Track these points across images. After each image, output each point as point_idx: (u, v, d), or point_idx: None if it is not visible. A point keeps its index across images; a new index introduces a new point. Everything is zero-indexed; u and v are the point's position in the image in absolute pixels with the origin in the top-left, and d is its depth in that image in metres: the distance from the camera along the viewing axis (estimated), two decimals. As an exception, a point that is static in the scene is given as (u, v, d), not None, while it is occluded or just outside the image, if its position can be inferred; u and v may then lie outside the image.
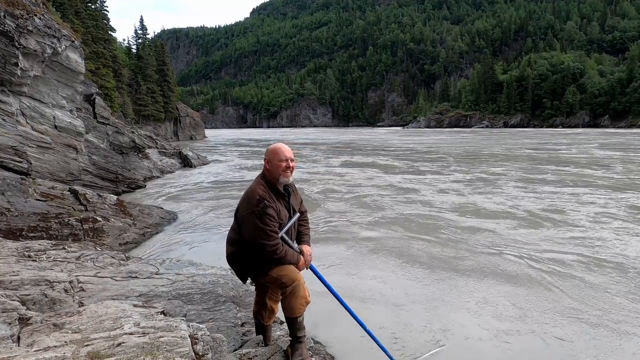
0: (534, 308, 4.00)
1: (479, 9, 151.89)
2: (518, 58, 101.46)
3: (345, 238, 6.62)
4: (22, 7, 8.54)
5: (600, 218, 7.47)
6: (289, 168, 2.28)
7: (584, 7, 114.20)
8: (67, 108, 10.56)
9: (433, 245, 6.09)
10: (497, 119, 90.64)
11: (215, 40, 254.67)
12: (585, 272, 4.87)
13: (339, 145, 36.14)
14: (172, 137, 51.20)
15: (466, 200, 9.50)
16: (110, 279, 3.95)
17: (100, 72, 31.23)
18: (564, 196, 9.78)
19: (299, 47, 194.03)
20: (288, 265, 2.27)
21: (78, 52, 10.59)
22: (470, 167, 16.70)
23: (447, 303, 4.16)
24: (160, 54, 54.78)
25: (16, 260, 4.16)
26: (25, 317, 2.26)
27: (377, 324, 3.62)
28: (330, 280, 2.50)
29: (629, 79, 74.57)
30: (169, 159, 18.88)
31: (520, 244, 6.01)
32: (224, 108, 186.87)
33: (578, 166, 16.20)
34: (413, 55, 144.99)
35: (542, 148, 26.84)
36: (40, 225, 6.08)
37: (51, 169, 9.63)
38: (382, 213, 8.36)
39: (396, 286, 4.62)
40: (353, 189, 11.65)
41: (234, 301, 3.71)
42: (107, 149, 13.93)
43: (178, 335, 1.98)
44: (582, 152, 22.85)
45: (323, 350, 3.11)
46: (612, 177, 12.82)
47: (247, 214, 2.19)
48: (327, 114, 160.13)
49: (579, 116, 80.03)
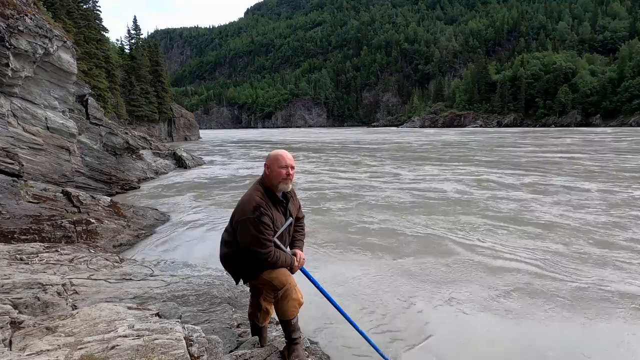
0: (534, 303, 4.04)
1: (472, 9, 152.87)
2: (511, 58, 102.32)
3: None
4: (13, 7, 8.44)
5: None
6: (290, 175, 2.27)
7: (576, 8, 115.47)
8: (60, 109, 10.46)
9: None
10: (491, 118, 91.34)
11: (210, 41, 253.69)
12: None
13: (381, 148, 30.30)
14: (167, 138, 50.89)
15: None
16: (104, 281, 3.92)
17: (92, 73, 30.94)
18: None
19: (293, 47, 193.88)
20: (279, 269, 2.28)
21: (70, 52, 10.49)
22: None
23: (437, 295, 4.19)
24: (153, 54, 54.44)
25: (8, 264, 4.11)
26: (18, 321, 2.23)
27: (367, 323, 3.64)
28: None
29: (619, 79, 75.61)
30: (163, 160, 18.76)
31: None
32: (218, 109, 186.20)
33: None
34: (407, 55, 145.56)
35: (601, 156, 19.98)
36: (32, 228, 6.00)
37: (43, 171, 9.53)
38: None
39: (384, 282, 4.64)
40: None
41: (230, 302, 3.70)
42: (101, 150, 13.81)
43: (173, 337, 1.97)
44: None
45: (319, 350, 3.11)
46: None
47: (242, 220, 2.19)
48: (322, 114, 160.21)
49: (571, 115, 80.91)
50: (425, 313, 3.93)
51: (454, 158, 20.76)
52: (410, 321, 3.78)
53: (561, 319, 3.76)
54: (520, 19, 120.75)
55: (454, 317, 3.85)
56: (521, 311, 3.93)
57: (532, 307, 4.00)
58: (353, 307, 3.98)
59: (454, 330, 3.61)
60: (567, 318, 3.78)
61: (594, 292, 4.29)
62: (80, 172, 11.10)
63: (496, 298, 4.24)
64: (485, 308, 4.02)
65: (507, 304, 4.09)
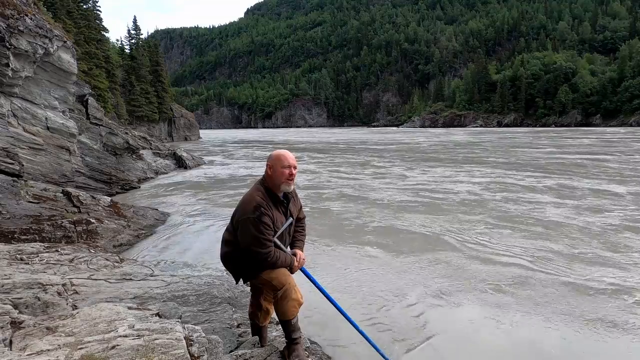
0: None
1: (472, 9, 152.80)
2: (511, 58, 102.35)
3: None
4: (13, 7, 8.44)
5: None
6: (292, 175, 2.27)
7: (576, 8, 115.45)
8: (60, 109, 10.46)
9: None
10: (491, 118, 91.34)
11: (210, 41, 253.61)
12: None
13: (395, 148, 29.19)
14: (167, 138, 50.89)
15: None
16: (105, 281, 3.92)
17: (93, 73, 30.95)
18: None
19: (293, 47, 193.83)
20: (279, 269, 2.28)
21: (70, 52, 10.49)
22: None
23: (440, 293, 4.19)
24: (153, 54, 54.44)
25: (8, 264, 4.11)
26: (18, 321, 2.23)
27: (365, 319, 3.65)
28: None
29: (619, 78, 75.62)
30: (163, 160, 18.76)
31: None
32: (218, 109, 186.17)
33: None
34: (407, 55, 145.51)
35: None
36: (32, 228, 6.01)
37: (43, 171, 9.53)
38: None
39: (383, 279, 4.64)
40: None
41: (230, 302, 3.69)
42: (101, 150, 13.81)
43: (173, 337, 1.97)
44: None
45: (319, 350, 3.11)
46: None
47: (243, 220, 2.19)
48: (322, 114, 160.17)
49: (571, 115, 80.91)
50: (426, 313, 3.93)
51: (467, 159, 19.75)
52: (411, 321, 3.78)
53: (563, 321, 3.74)
54: (521, 18, 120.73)
55: (454, 317, 3.85)
56: (522, 311, 3.93)
57: (534, 308, 3.99)
58: (352, 306, 3.97)
59: (455, 331, 3.61)
60: (569, 321, 3.76)
61: (600, 295, 4.23)
62: (81, 172, 11.10)
63: (497, 297, 4.23)
64: (486, 308, 4.02)
65: (508, 304, 4.08)
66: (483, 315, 3.88)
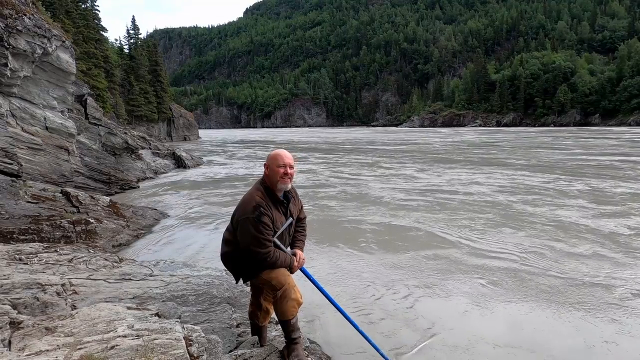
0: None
1: (471, 9, 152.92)
2: (510, 57, 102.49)
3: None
4: (11, 6, 8.42)
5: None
6: (287, 174, 2.26)
7: (575, 7, 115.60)
8: (58, 109, 10.44)
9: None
10: (490, 118, 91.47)
11: (209, 40, 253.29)
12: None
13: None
14: (166, 138, 50.85)
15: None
16: (104, 282, 3.91)
17: (91, 73, 30.91)
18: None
19: (292, 47, 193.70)
20: (279, 269, 2.28)
21: (69, 52, 10.47)
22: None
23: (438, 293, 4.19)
24: (152, 54, 54.37)
25: (7, 264, 4.11)
26: (17, 321, 2.22)
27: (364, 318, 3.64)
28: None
29: (618, 78, 75.80)
30: (162, 160, 18.75)
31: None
32: (217, 108, 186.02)
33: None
34: (406, 55, 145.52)
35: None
36: (31, 228, 5.99)
37: (42, 171, 9.51)
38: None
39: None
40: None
41: (229, 302, 3.69)
42: (100, 150, 13.80)
43: (172, 337, 1.97)
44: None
45: (319, 350, 3.10)
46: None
47: (242, 220, 2.19)
48: (322, 113, 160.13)
49: (570, 115, 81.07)
50: (426, 313, 3.92)
51: (484, 161, 18.31)
52: (412, 321, 3.78)
53: (566, 321, 3.74)
54: (520, 18, 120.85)
55: (455, 317, 3.85)
56: (524, 311, 3.93)
57: (536, 308, 3.99)
58: (352, 306, 3.98)
59: (456, 331, 3.60)
60: (573, 320, 3.75)
61: (605, 298, 4.17)
62: (79, 172, 11.08)
63: (498, 298, 4.24)
64: (486, 307, 4.02)
65: (510, 304, 4.09)
66: (485, 316, 3.86)
